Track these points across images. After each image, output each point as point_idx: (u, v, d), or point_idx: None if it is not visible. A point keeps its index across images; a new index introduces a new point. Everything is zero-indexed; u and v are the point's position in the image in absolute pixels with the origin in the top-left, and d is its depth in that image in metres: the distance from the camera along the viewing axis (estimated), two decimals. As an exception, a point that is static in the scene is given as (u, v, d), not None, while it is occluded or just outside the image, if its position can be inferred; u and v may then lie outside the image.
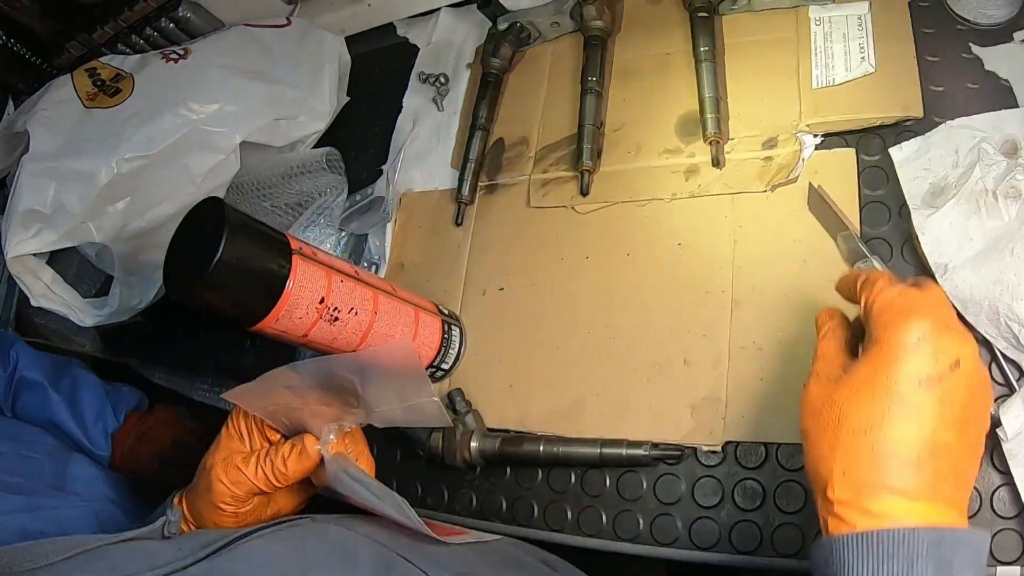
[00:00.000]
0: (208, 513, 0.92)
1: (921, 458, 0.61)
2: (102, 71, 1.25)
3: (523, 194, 1.20)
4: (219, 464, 0.92)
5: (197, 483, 0.94)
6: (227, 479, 0.91)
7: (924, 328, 0.64)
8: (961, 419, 0.63)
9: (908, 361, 0.63)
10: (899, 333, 0.64)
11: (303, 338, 0.93)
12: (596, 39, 1.21)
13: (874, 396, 0.63)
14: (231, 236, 0.83)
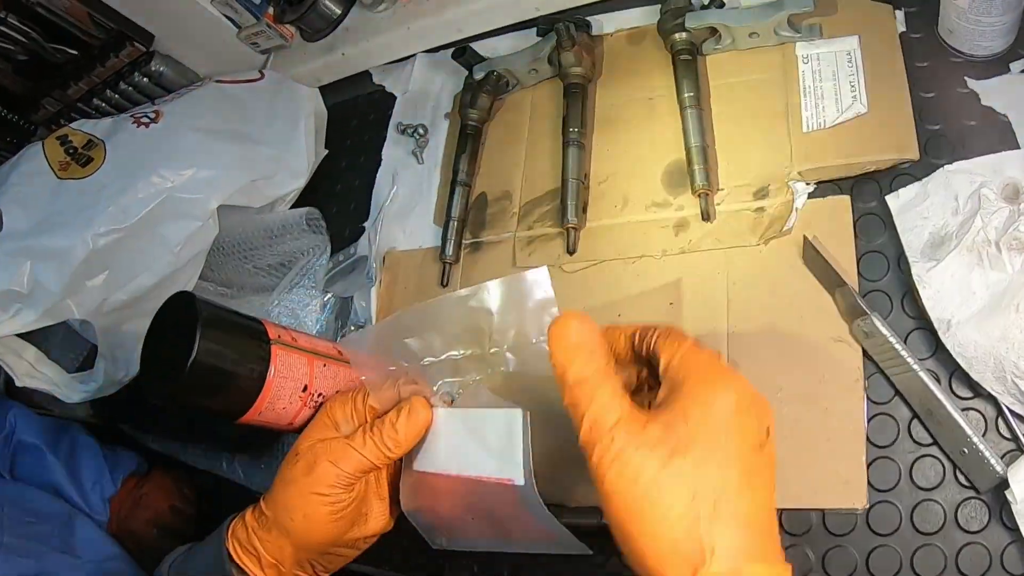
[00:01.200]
0: (299, 514, 0.83)
1: (767, 522, 0.63)
2: (73, 138, 1.23)
3: (509, 252, 1.17)
4: (319, 443, 0.84)
5: (285, 480, 0.85)
6: (331, 455, 0.83)
7: (750, 395, 0.66)
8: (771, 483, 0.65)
9: (744, 428, 0.64)
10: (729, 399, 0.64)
11: (289, 426, 0.91)
12: (576, 87, 1.18)
13: (722, 464, 0.62)
14: (205, 334, 0.81)
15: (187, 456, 1.34)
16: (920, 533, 0.84)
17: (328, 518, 0.83)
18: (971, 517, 0.82)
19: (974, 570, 0.80)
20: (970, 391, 0.86)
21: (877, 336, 0.88)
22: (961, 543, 0.82)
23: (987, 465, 0.81)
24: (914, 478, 0.86)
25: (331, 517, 0.84)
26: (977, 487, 0.82)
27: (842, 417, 0.90)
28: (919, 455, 0.86)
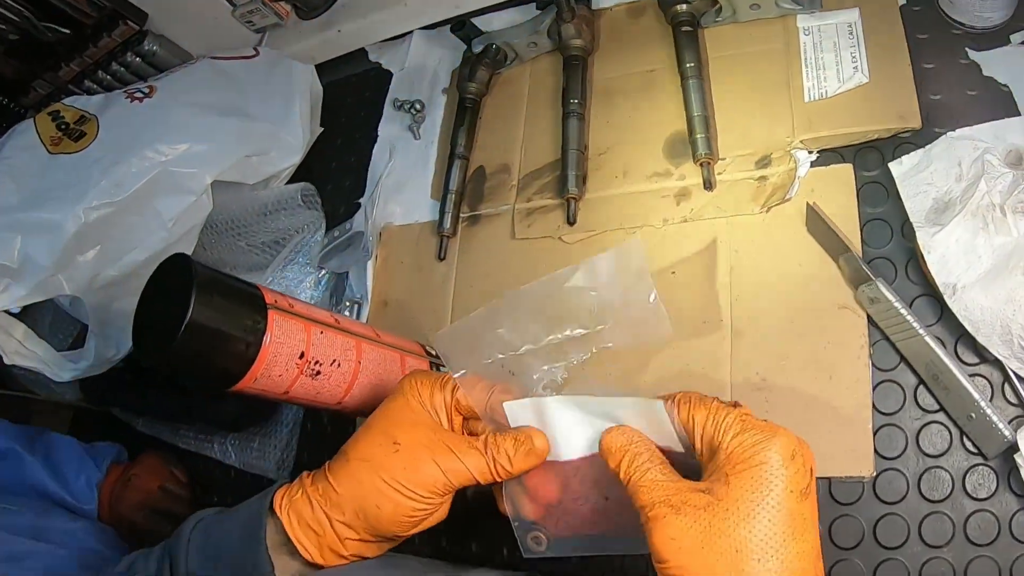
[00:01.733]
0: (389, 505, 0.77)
1: (816, 567, 0.62)
2: (65, 113, 1.21)
3: (507, 225, 1.16)
4: (425, 443, 0.78)
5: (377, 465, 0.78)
6: (440, 460, 0.78)
7: (795, 444, 0.65)
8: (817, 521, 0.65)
9: (790, 476, 0.63)
10: (779, 451, 0.64)
11: (284, 395, 0.89)
12: (576, 59, 1.17)
13: (771, 518, 0.62)
14: (200, 296, 0.78)
15: (178, 439, 1.33)
16: (928, 501, 0.83)
17: (416, 514, 0.80)
18: (979, 484, 0.82)
19: (983, 538, 0.80)
20: (976, 357, 0.86)
21: (882, 302, 0.87)
22: (969, 510, 0.81)
23: (995, 430, 0.80)
24: (921, 445, 0.85)
25: (419, 515, 0.80)
26: (985, 453, 0.82)
27: (848, 385, 0.89)
28: (926, 422, 0.86)
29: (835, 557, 0.85)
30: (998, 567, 0.79)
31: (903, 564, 0.82)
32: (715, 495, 0.64)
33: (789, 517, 0.62)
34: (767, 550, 0.61)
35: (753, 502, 0.62)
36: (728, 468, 0.65)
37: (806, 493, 0.63)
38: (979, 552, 0.79)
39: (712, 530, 0.62)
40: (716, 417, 0.68)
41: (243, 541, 0.78)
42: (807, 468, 0.64)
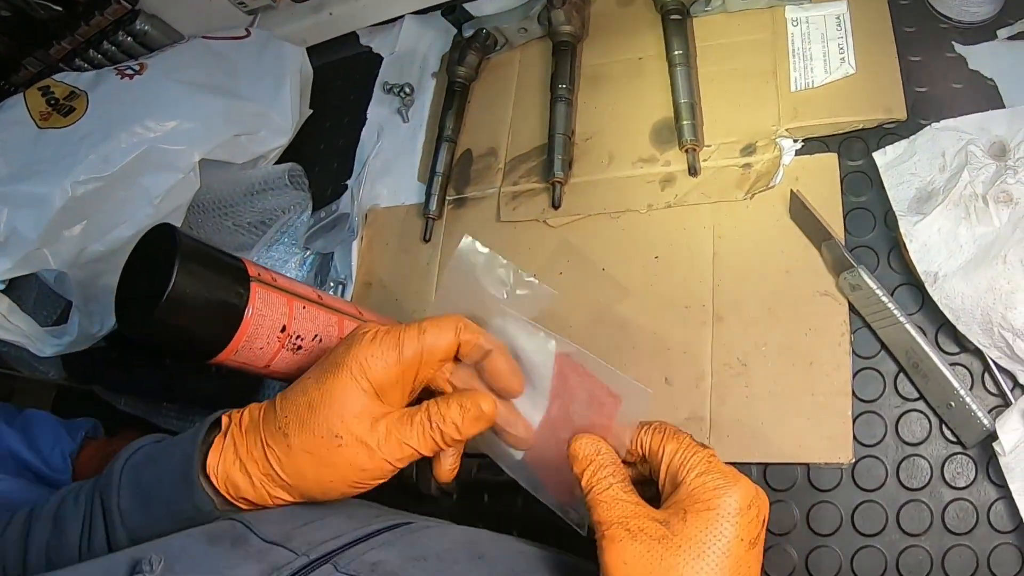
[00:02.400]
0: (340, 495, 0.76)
1: None
2: (55, 89, 1.21)
3: (493, 208, 1.16)
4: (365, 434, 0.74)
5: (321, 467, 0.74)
6: (384, 448, 0.74)
7: (751, 494, 0.67)
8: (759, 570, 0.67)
9: (742, 525, 0.65)
10: (736, 500, 0.66)
11: (265, 369, 0.89)
12: (565, 45, 1.17)
13: (718, 563, 0.64)
14: (183, 266, 0.78)
15: (159, 418, 1.32)
16: (906, 488, 0.83)
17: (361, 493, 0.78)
18: (957, 473, 0.82)
19: (961, 526, 0.80)
20: (956, 346, 0.86)
21: (864, 289, 0.88)
22: (948, 499, 0.82)
23: (974, 419, 0.80)
24: (900, 433, 0.85)
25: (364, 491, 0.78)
26: (964, 442, 0.82)
27: (827, 371, 0.89)
28: (905, 410, 0.86)
29: (812, 544, 0.85)
30: (976, 556, 0.79)
31: (880, 552, 0.82)
32: (671, 529, 0.65)
33: (735, 564, 0.64)
34: None
35: (705, 544, 0.64)
36: (687, 505, 0.67)
37: (755, 543, 0.65)
38: (957, 541, 0.80)
39: (663, 564, 0.64)
40: (685, 454, 0.70)
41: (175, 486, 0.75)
42: (760, 519, 0.66)
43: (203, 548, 0.65)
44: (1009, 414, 0.78)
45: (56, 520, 0.79)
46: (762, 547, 0.67)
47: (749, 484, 0.67)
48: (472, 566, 0.71)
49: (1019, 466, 0.77)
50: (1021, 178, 0.82)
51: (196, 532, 0.68)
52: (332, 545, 0.67)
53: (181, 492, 0.74)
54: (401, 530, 0.75)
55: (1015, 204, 0.82)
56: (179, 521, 0.74)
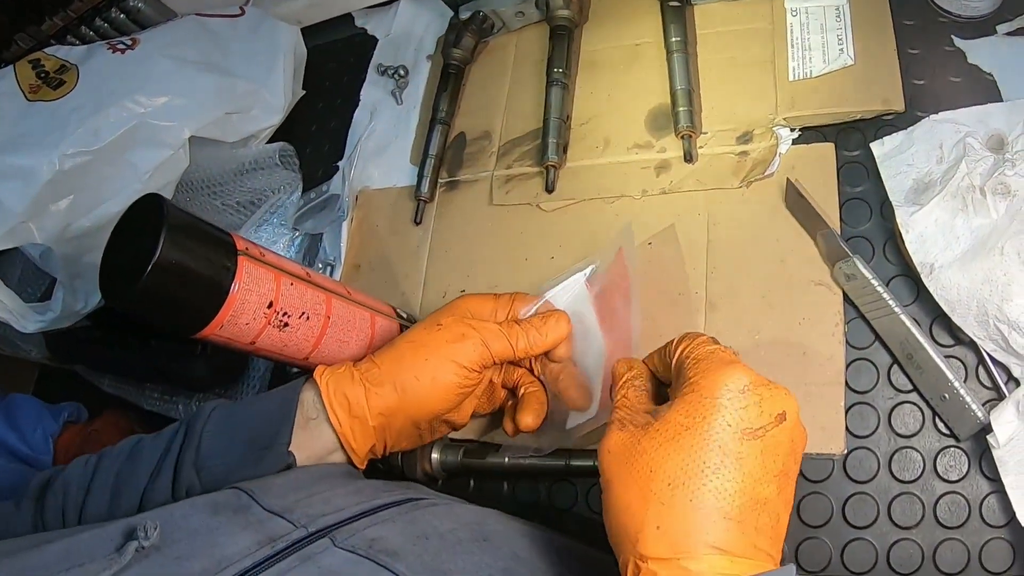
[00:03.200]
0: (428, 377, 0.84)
1: (743, 513, 0.58)
2: (46, 62, 1.19)
3: (486, 191, 1.15)
4: (467, 321, 0.87)
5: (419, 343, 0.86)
6: (483, 333, 0.86)
7: (750, 379, 0.62)
8: (782, 473, 0.61)
9: (731, 410, 0.60)
10: (723, 380, 0.62)
11: (250, 345, 0.87)
12: (562, 29, 1.16)
13: (692, 446, 0.59)
14: (170, 236, 0.77)
15: (143, 400, 1.31)
16: (898, 481, 0.83)
17: (453, 390, 0.85)
18: (950, 466, 0.81)
19: (953, 520, 0.79)
20: (951, 339, 0.86)
21: (859, 279, 0.87)
22: (940, 492, 0.81)
23: (968, 412, 0.80)
24: (893, 425, 0.85)
25: (456, 390, 0.86)
26: (957, 435, 0.82)
27: (821, 361, 0.89)
28: (898, 401, 0.86)
29: (803, 535, 0.84)
30: (967, 550, 0.78)
31: (871, 544, 0.81)
32: (656, 416, 0.63)
33: (717, 451, 0.59)
34: (679, 476, 0.58)
35: (682, 426, 0.60)
36: (678, 391, 0.64)
37: (752, 434, 0.59)
38: (948, 535, 0.79)
39: (638, 448, 0.62)
40: (693, 348, 0.67)
41: (268, 416, 0.82)
42: (763, 410, 0.61)
43: (203, 517, 0.65)
44: (1004, 407, 0.77)
45: (132, 452, 0.83)
46: (772, 444, 0.60)
47: (746, 370, 0.62)
48: (475, 547, 0.70)
49: (1013, 459, 0.76)
50: (1019, 171, 0.81)
51: (200, 501, 0.69)
52: (333, 519, 0.67)
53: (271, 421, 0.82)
54: (406, 506, 0.75)
55: (1013, 196, 0.81)
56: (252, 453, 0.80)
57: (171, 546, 0.59)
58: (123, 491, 0.79)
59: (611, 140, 1.10)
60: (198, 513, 0.66)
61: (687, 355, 0.67)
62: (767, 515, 0.59)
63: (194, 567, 0.57)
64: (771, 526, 0.59)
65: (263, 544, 0.61)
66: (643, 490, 0.59)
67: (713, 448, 0.59)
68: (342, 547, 0.64)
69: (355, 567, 0.62)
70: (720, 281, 0.96)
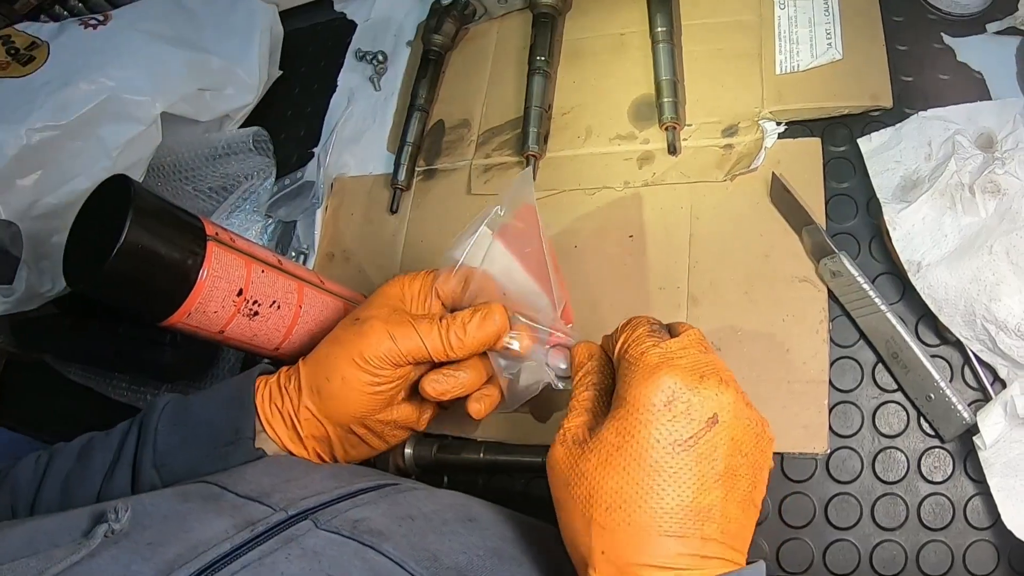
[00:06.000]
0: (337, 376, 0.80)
1: (684, 527, 0.57)
2: (16, 38, 1.17)
3: (463, 180, 1.13)
4: (383, 317, 0.81)
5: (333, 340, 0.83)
6: (392, 328, 0.80)
7: (674, 386, 0.59)
8: (725, 474, 0.59)
9: (658, 425, 0.58)
10: (647, 394, 0.59)
11: (219, 334, 0.85)
12: (546, 16, 1.14)
13: (625, 467, 0.58)
14: (137, 219, 0.75)
15: (111, 390, 1.28)
16: (881, 481, 0.82)
17: (365, 389, 0.81)
18: (934, 467, 0.81)
19: (936, 522, 0.79)
20: (937, 338, 0.85)
21: (844, 275, 0.86)
22: (924, 493, 0.80)
23: (953, 412, 0.79)
24: (877, 424, 0.84)
25: (368, 389, 0.81)
26: (942, 435, 0.81)
27: (804, 359, 0.87)
28: (883, 401, 0.85)
29: (784, 535, 0.83)
30: (951, 552, 0.77)
31: (854, 546, 0.80)
32: (592, 432, 0.62)
33: (648, 469, 0.57)
34: (615, 499, 0.58)
35: (613, 446, 0.59)
36: (613, 403, 0.63)
37: (682, 446, 0.58)
38: (932, 536, 0.78)
39: (577, 470, 0.61)
40: (628, 345, 0.65)
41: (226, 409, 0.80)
42: (691, 417, 0.58)
43: (173, 504, 0.63)
44: (991, 408, 0.76)
45: (82, 451, 0.81)
46: (707, 449, 0.58)
47: (671, 375, 0.59)
48: (461, 528, 0.69)
49: (999, 461, 0.75)
50: (1009, 169, 0.80)
51: (167, 491, 0.67)
52: (312, 502, 0.66)
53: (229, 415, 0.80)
54: (387, 490, 0.74)
55: (1002, 195, 0.80)
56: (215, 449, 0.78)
57: (141, 532, 0.57)
58: (74, 491, 0.78)
59: (593, 130, 1.08)
60: (167, 501, 0.64)
61: (624, 353, 0.64)
62: (713, 522, 0.57)
63: (167, 553, 0.55)
64: (721, 531, 0.58)
65: (240, 528, 0.60)
66: (584, 516, 0.59)
67: (644, 467, 0.58)
68: (325, 528, 0.62)
69: (340, 548, 0.60)
70: (702, 275, 0.95)
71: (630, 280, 0.97)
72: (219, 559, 0.55)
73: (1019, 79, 0.92)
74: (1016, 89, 0.91)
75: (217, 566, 0.55)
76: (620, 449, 0.59)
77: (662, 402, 0.59)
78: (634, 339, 0.64)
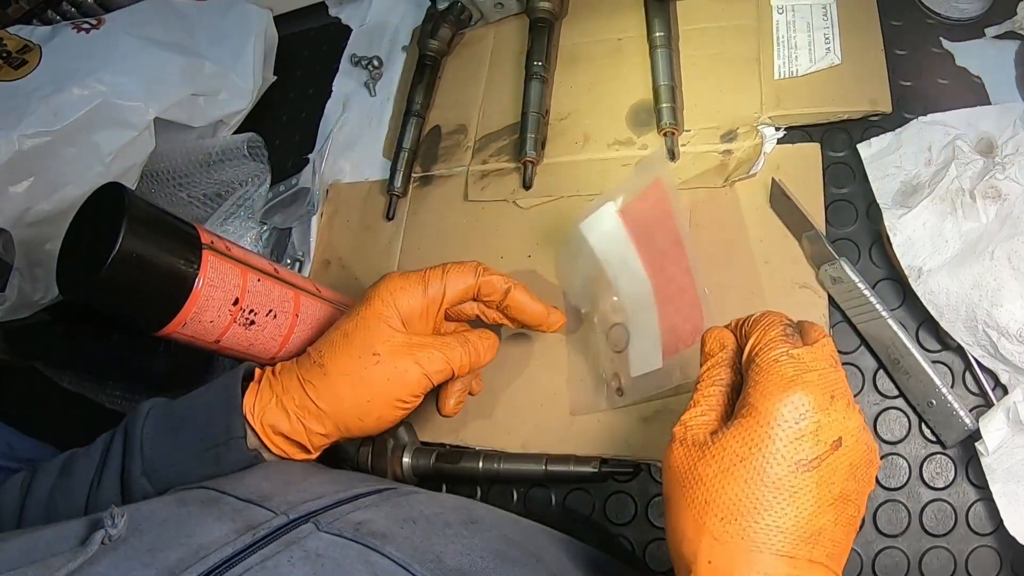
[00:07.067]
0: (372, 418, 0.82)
1: (796, 548, 0.55)
2: (8, 42, 1.16)
3: (460, 186, 1.13)
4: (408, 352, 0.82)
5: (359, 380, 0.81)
6: (429, 369, 0.82)
7: (806, 405, 0.57)
8: (839, 498, 0.57)
9: (786, 442, 0.56)
10: (779, 408, 0.57)
11: (215, 344, 0.84)
12: (543, 21, 1.14)
13: (747, 480, 0.56)
14: (131, 227, 0.74)
15: (104, 397, 1.27)
16: (883, 488, 0.81)
17: (397, 418, 0.85)
18: (936, 473, 0.80)
19: (939, 528, 0.78)
20: (938, 344, 0.85)
21: (845, 282, 0.85)
22: (926, 499, 0.80)
23: (955, 418, 0.78)
24: (878, 431, 0.83)
25: (400, 416, 0.85)
26: (944, 441, 0.80)
27: (805, 365, 0.86)
28: (884, 407, 0.84)
29: (786, 544, 0.82)
30: (953, 558, 0.77)
31: (856, 553, 0.80)
32: (715, 436, 0.60)
33: (770, 486, 0.55)
34: (732, 512, 0.56)
35: (737, 456, 0.57)
36: (739, 408, 0.60)
37: (806, 467, 0.56)
38: (934, 543, 0.78)
39: (695, 473, 0.59)
40: (760, 348, 0.62)
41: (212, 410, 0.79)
42: (819, 439, 0.57)
43: (172, 510, 0.63)
44: (993, 414, 0.76)
45: (64, 466, 0.80)
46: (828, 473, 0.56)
47: (806, 392, 0.57)
48: (464, 530, 0.68)
49: (1001, 467, 0.75)
50: (1010, 174, 0.80)
51: (165, 498, 0.67)
52: (313, 505, 0.66)
53: (218, 415, 0.78)
54: (387, 493, 0.74)
55: (1003, 200, 0.80)
56: (206, 451, 0.77)
57: (140, 537, 0.57)
58: (60, 506, 0.77)
59: (591, 136, 1.08)
60: (165, 506, 0.64)
61: (754, 355, 0.62)
62: (822, 546, 0.56)
63: (169, 557, 0.55)
64: (827, 555, 0.56)
65: (242, 532, 0.59)
66: (697, 522, 0.57)
67: (767, 483, 0.56)
68: (327, 531, 0.62)
69: (343, 550, 0.60)
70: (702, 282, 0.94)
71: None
72: (221, 563, 0.55)
73: (1018, 83, 0.91)
74: (1015, 93, 0.91)
75: (220, 570, 0.54)
76: (744, 460, 0.57)
77: (793, 419, 0.57)
78: (768, 342, 0.62)
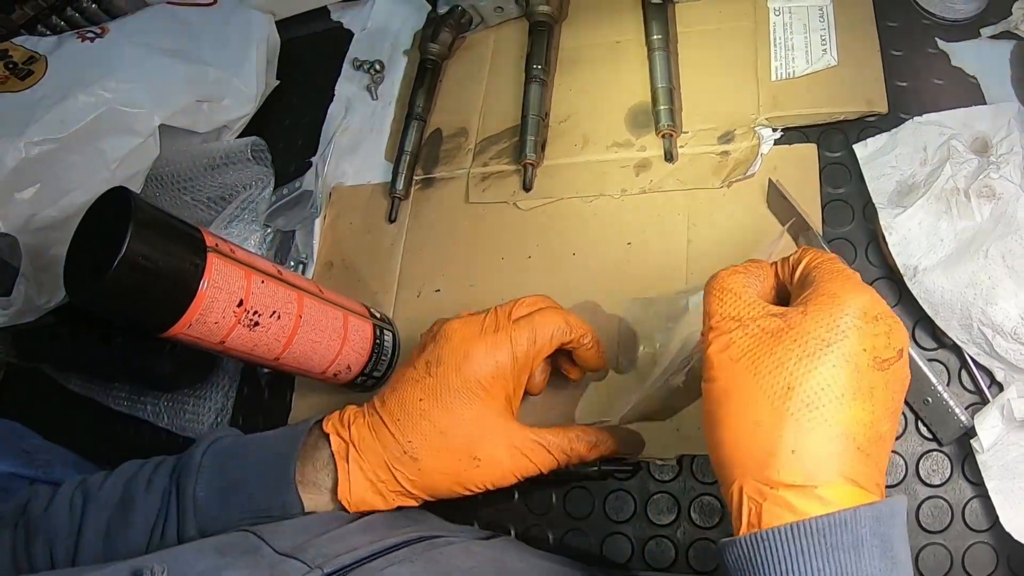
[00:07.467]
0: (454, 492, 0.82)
1: (871, 445, 0.54)
2: (14, 53, 1.17)
3: (461, 189, 1.13)
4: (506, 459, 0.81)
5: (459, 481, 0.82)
6: (522, 472, 0.82)
7: (882, 306, 0.58)
8: (895, 410, 0.57)
9: (869, 334, 0.56)
10: (860, 299, 0.57)
11: (220, 345, 0.85)
12: (542, 25, 1.15)
13: (835, 365, 0.54)
14: (137, 231, 0.74)
15: (111, 400, 1.28)
16: (880, 485, 0.82)
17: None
18: (932, 470, 0.81)
19: (935, 525, 0.79)
20: (934, 342, 0.85)
21: (842, 281, 0.86)
22: (922, 496, 0.80)
23: (951, 415, 0.79)
24: (875, 428, 0.83)
25: None
26: (940, 439, 0.81)
27: (802, 364, 0.87)
28: (881, 405, 0.84)
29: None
30: (950, 555, 0.78)
31: (853, 550, 0.80)
32: (787, 322, 0.58)
33: (856, 374, 0.54)
34: (820, 398, 0.54)
35: (823, 341, 0.55)
36: (811, 298, 0.58)
37: (882, 365, 0.55)
38: (931, 539, 0.78)
39: (772, 358, 0.57)
40: (820, 260, 0.62)
41: (266, 480, 0.79)
42: (891, 342, 0.56)
43: (212, 560, 0.64)
44: (988, 411, 0.76)
45: (124, 504, 0.80)
46: (899, 378, 0.57)
47: (877, 300, 0.58)
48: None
49: (996, 464, 0.75)
50: (1004, 173, 0.81)
51: (207, 543, 0.68)
52: (348, 559, 0.66)
53: (271, 489, 0.78)
54: (422, 545, 0.74)
55: (998, 199, 0.81)
56: (259, 517, 0.77)
57: None
58: (117, 539, 0.78)
59: (590, 138, 1.09)
60: (205, 556, 0.64)
61: (817, 264, 0.62)
62: (884, 452, 0.56)
63: None
64: (886, 463, 0.56)
65: None
66: (778, 408, 0.55)
67: (853, 373, 0.54)
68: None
69: None
70: (700, 282, 0.92)
71: (628, 287, 0.97)
72: None
73: (1013, 83, 0.92)
74: (1011, 93, 0.91)
75: None
76: (831, 345, 0.55)
77: (872, 315, 0.56)
78: (828, 257, 0.62)
